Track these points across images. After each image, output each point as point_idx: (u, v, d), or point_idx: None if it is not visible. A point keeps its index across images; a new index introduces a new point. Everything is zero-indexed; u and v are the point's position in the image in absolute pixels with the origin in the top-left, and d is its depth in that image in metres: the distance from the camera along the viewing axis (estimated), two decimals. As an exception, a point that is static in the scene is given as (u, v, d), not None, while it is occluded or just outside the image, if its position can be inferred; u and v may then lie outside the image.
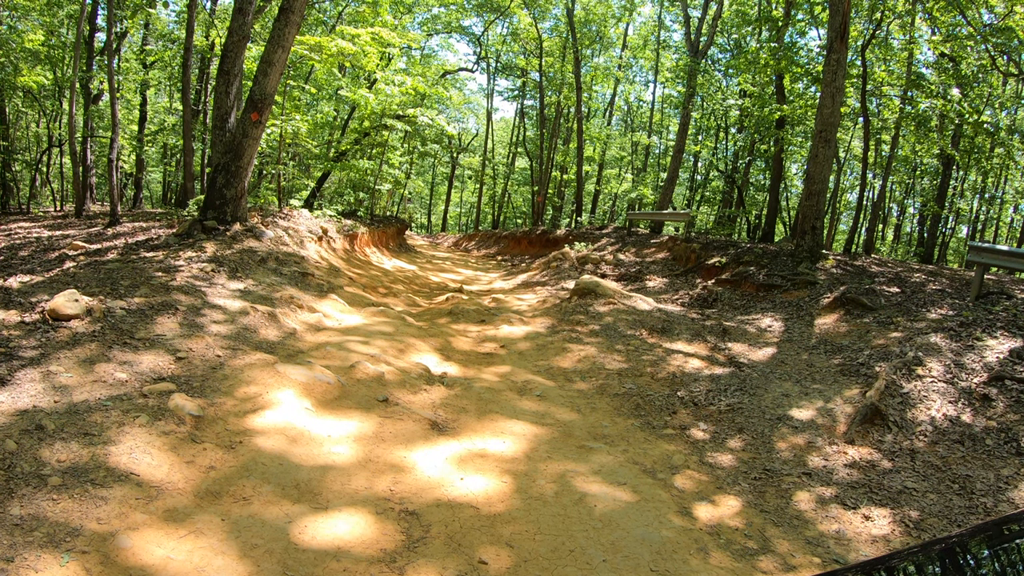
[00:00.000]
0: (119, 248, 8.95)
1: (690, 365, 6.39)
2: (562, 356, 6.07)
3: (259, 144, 8.81)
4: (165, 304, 5.73)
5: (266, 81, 8.51)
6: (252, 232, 8.58)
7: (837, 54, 11.12)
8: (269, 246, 8.32)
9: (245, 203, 9.06)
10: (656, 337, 7.13)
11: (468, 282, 13.35)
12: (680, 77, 23.51)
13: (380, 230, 14.69)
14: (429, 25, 24.63)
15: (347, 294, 7.46)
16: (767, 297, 10.07)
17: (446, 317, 7.23)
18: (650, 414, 4.97)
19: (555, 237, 21.88)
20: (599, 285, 8.29)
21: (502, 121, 46.04)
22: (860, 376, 6.54)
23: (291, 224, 9.98)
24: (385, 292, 8.92)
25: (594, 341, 6.57)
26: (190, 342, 4.88)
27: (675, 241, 14.81)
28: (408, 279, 11.14)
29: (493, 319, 7.29)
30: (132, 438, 3.42)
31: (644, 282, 12.35)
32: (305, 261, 8.35)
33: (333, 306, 6.73)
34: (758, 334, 8.02)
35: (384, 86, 12.82)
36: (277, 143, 12.58)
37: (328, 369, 4.45)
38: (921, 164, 23.03)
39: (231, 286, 6.49)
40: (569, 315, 7.51)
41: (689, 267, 12.74)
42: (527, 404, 4.60)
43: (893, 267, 11.58)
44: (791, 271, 10.67)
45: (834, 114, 11.34)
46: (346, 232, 11.80)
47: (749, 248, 12.38)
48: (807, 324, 8.55)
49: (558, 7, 25.23)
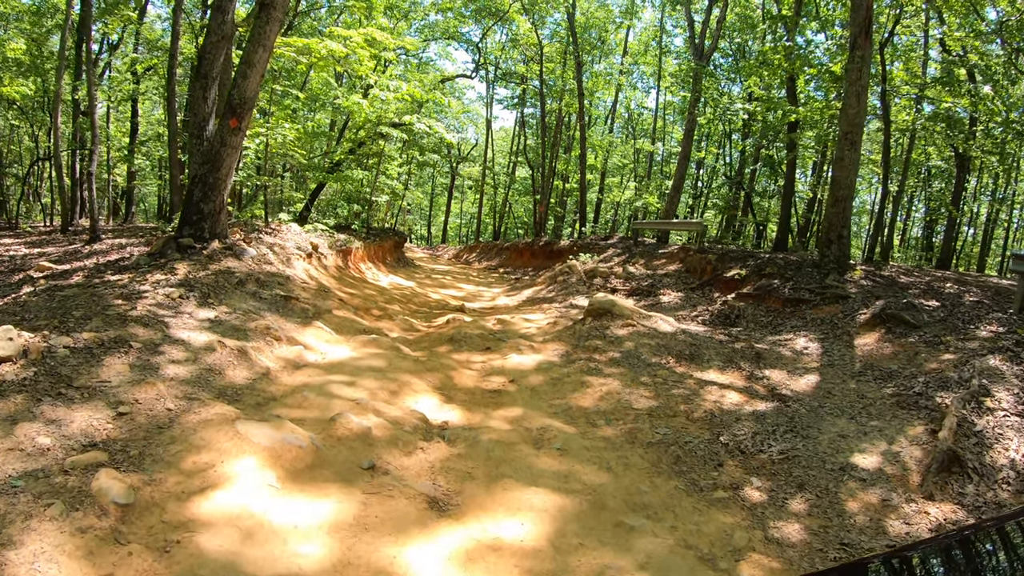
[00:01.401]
0: (86, 270, 8.16)
1: (728, 400, 5.56)
2: (581, 392, 5.23)
3: (239, 153, 8.02)
4: (118, 340, 4.91)
5: (246, 84, 7.73)
6: (231, 250, 7.77)
7: (861, 50, 10.39)
8: (250, 266, 7.51)
9: (225, 218, 8.27)
10: (685, 365, 6.30)
11: (470, 299, 12.53)
12: (684, 82, 22.83)
13: (376, 244, 13.88)
14: (426, 32, 23.97)
15: (336, 319, 6.64)
16: (795, 313, 9.26)
17: (446, 344, 6.40)
18: (694, 469, 4.13)
19: (559, 248, 21.10)
20: (615, 304, 7.47)
21: (502, 131, 45.45)
22: (921, 409, 5.71)
23: (277, 240, 9.18)
24: (379, 314, 8.09)
25: (616, 372, 5.74)
26: (138, 391, 4.05)
27: (687, 252, 14.01)
28: (406, 298, 10.31)
29: (499, 346, 6.46)
30: (39, 539, 2.58)
31: (658, 297, 11.53)
32: (290, 282, 7.53)
33: (318, 336, 5.91)
34: (794, 358, 7.19)
35: (379, 92, 12.07)
36: (263, 153, 11.81)
37: (302, 425, 3.63)
38: (930, 167, 22.31)
39: (200, 315, 5.67)
40: (584, 340, 6.68)
41: (705, 280, 11.93)
42: (546, 462, 3.76)
43: (920, 276, 10.79)
44: (818, 284, 9.86)
45: (860, 114, 10.60)
46: (339, 247, 10.99)
47: (770, 259, 11.58)
48: (846, 345, 7.72)
49: (558, 12, 24.60)
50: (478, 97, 66.82)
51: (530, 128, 34.31)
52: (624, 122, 34.19)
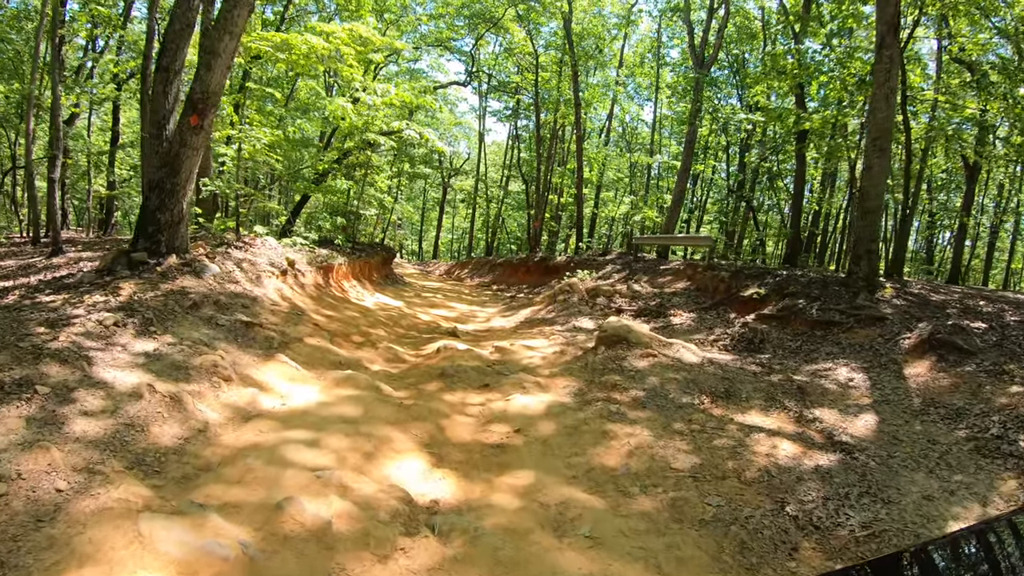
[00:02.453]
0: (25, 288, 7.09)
1: (782, 451, 4.57)
2: (604, 446, 4.22)
3: (200, 156, 7.01)
4: (22, 383, 3.86)
5: (210, 76, 6.75)
6: (190, 267, 6.73)
7: (889, 50, 9.60)
8: (210, 285, 6.47)
9: (186, 230, 7.23)
10: (721, 406, 5.30)
11: (463, 320, 11.50)
12: (685, 91, 22.10)
13: (362, 260, 12.85)
14: (418, 40, 23.17)
15: (306, 349, 5.60)
16: (826, 337, 8.31)
17: (437, 380, 5.37)
18: (765, 559, 3.13)
19: (555, 265, 20.14)
20: (631, 331, 6.48)
21: (494, 144, 44.71)
22: (1006, 458, 4.73)
23: (248, 256, 8.15)
24: (360, 341, 7.05)
25: (643, 417, 4.74)
26: (25, 459, 3.00)
27: (695, 268, 13.09)
28: (392, 320, 9.27)
29: (500, 381, 5.45)
30: None
31: (668, 318, 10.57)
32: (256, 304, 6.49)
33: (280, 372, 4.86)
34: (842, 392, 6.22)
35: (366, 96, 11.13)
36: (235, 159, 10.80)
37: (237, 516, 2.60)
38: (934, 178, 21.69)
39: (136, 347, 4.62)
40: (600, 374, 5.68)
41: (718, 299, 10.99)
42: (573, 561, 2.74)
43: (949, 294, 9.94)
44: (849, 304, 8.94)
45: (889, 119, 9.77)
46: (319, 264, 9.96)
47: (789, 276, 10.66)
48: (896, 376, 6.76)
49: (554, 21, 23.93)
50: (470, 109, 66.42)
51: (524, 142, 33.54)
52: (618, 136, 33.51)
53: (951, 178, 23.19)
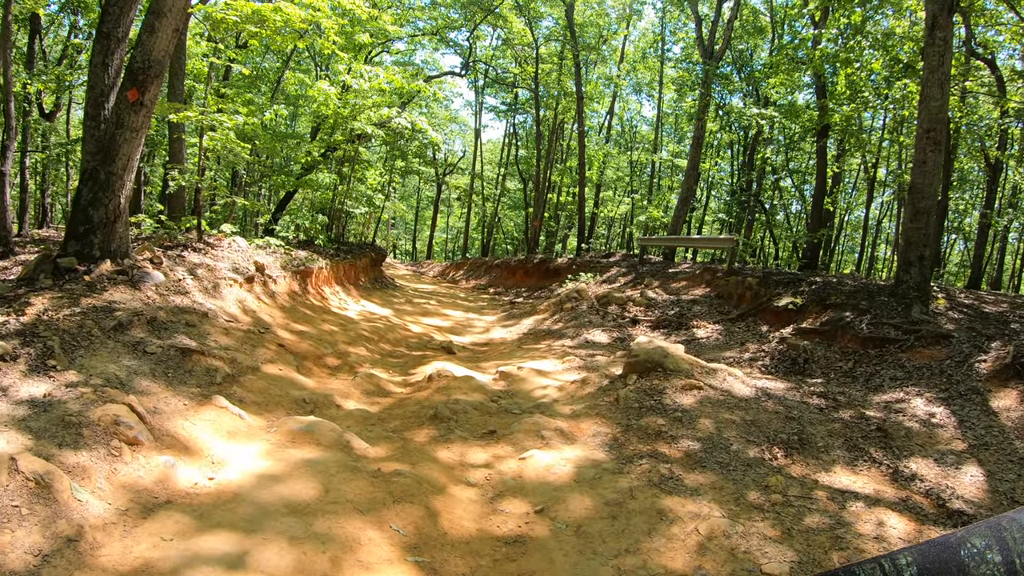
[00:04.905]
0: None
1: (892, 531, 3.39)
2: (662, 535, 3.02)
3: (142, 138, 5.76)
4: None
5: (152, 41, 5.52)
6: (126, 275, 5.48)
7: (943, 31, 8.47)
8: (148, 299, 5.22)
9: (125, 229, 5.97)
10: (799, 461, 4.11)
11: (459, 330, 10.29)
12: (694, 85, 20.94)
13: (347, 263, 11.60)
14: (413, 30, 21.92)
15: (260, 384, 4.37)
16: (884, 358, 7.15)
17: (428, 426, 4.15)
18: None
19: (556, 267, 18.96)
20: (667, 355, 5.30)
21: (490, 143, 43.45)
22: None
23: (207, 260, 6.90)
24: (336, 365, 5.81)
25: (704, 483, 3.54)
26: None
27: (713, 273, 11.91)
28: (377, 333, 8.03)
29: (510, 427, 4.23)
30: None
31: (691, 330, 9.39)
32: (206, 322, 5.26)
33: (217, 424, 3.62)
34: (928, 433, 5.05)
35: (351, 79, 9.89)
36: (214, 150, 9.55)
37: None
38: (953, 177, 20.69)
39: (22, 391, 3.39)
40: (636, 415, 4.48)
41: (746, 309, 9.82)
42: None
43: (997, 303, 8.87)
44: (903, 318, 7.81)
45: (943, 108, 8.64)
46: (296, 268, 8.72)
47: (827, 283, 9.51)
48: (982, 410, 5.59)
49: (552, 15, 22.80)
50: (466, 104, 65.26)
51: (521, 139, 32.34)
52: (618, 134, 32.37)
53: (964, 177, 22.22)
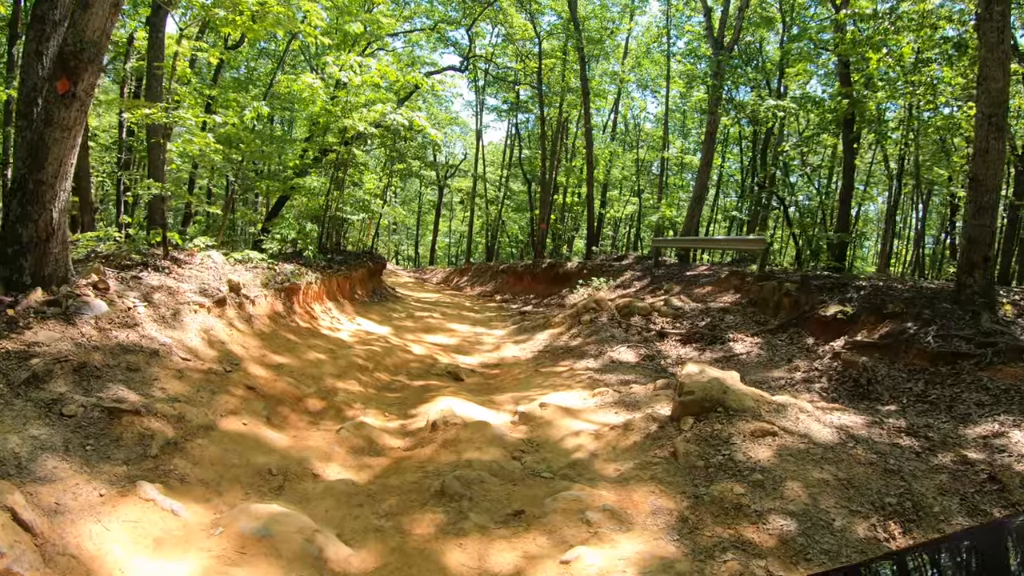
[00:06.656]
0: None
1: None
2: None
3: (77, 138, 4.75)
4: None
5: (87, 19, 4.52)
6: (59, 307, 4.47)
7: (1001, 4, 7.46)
8: (83, 336, 4.21)
9: (63, 249, 4.96)
10: (919, 537, 3.08)
11: (466, 348, 9.26)
12: (705, 76, 19.90)
13: (341, 275, 10.59)
14: (408, 26, 20.99)
15: (213, 450, 3.34)
16: (958, 376, 6.10)
17: (432, 508, 3.09)
18: None
19: (565, 271, 17.93)
20: (727, 390, 4.26)
21: (491, 145, 42.46)
22: None
23: (169, 281, 5.90)
24: (318, 410, 4.78)
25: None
26: None
27: (742, 277, 10.85)
28: (373, 358, 7.00)
29: (541, 505, 3.17)
30: None
31: (727, 344, 8.34)
32: (156, 362, 4.24)
33: (140, 525, 2.55)
34: (1059, 486, 4.00)
35: (340, 73, 8.91)
36: (192, 156, 8.59)
37: None
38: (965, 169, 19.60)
39: None
40: (703, 479, 3.45)
41: (787, 319, 8.76)
42: None
43: None
44: (973, 328, 6.76)
45: (1004, 89, 7.61)
46: (279, 285, 7.70)
47: (875, 288, 8.46)
48: (1113, 449, 4.54)
49: (553, 11, 21.83)
50: (466, 105, 64.47)
51: (524, 140, 31.33)
52: (623, 132, 31.34)
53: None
